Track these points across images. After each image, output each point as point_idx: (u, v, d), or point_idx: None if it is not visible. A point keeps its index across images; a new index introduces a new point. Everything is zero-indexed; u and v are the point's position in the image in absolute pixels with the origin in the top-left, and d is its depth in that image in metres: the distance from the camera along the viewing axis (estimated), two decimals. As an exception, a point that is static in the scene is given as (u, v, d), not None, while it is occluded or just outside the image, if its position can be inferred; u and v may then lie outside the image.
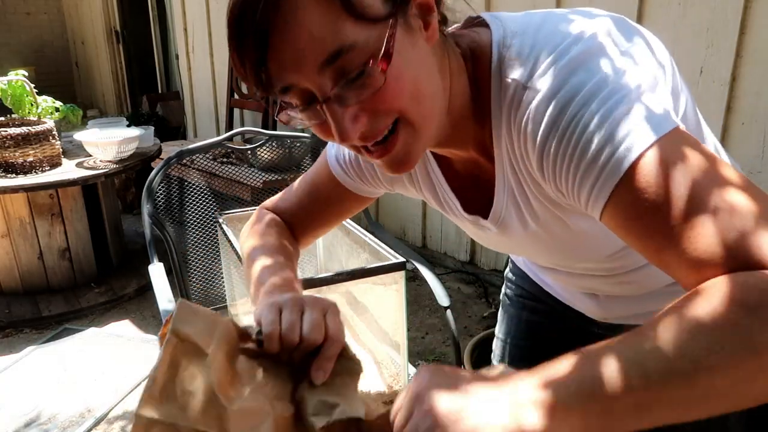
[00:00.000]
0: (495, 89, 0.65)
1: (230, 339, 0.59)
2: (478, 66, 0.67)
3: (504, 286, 1.12)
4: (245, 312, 1.46)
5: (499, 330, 1.12)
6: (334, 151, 0.86)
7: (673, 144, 0.54)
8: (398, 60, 0.57)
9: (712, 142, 0.77)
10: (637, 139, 0.53)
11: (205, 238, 1.71)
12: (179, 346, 0.55)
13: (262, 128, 2.90)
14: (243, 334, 0.61)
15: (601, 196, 0.56)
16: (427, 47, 0.62)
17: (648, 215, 0.53)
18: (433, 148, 0.74)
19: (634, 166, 0.53)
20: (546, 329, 1.04)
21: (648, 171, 0.53)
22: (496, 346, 1.12)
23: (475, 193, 0.77)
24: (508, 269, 1.11)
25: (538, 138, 0.60)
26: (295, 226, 0.92)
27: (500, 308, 1.12)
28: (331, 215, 0.93)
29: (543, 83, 0.59)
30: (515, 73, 0.62)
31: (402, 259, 1.20)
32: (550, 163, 0.60)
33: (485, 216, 0.76)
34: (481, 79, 0.66)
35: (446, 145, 0.73)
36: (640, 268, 0.80)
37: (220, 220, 1.46)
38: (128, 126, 3.46)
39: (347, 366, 0.61)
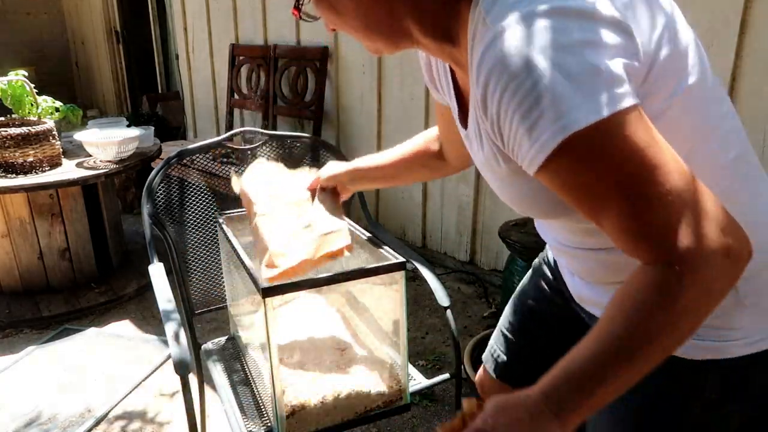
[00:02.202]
0: (472, 15, 0.67)
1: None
2: None
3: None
4: (247, 312, 1.46)
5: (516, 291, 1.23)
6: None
7: (628, 121, 0.56)
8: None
9: (727, 105, 0.78)
10: (593, 108, 0.55)
11: (205, 238, 1.70)
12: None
13: (262, 128, 2.90)
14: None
15: (543, 151, 0.57)
16: None
17: (586, 182, 0.58)
18: (414, 48, 0.81)
19: (585, 131, 0.55)
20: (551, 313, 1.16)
21: (596, 139, 0.56)
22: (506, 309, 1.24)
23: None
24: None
25: (484, 74, 0.60)
26: (441, 144, 1.14)
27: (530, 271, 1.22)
28: (446, 129, 1.08)
29: (509, 21, 0.59)
30: (486, 3, 0.63)
31: (402, 259, 1.20)
32: (495, 102, 0.60)
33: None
34: (463, 3, 0.69)
35: (431, 54, 0.83)
36: (607, 251, 0.80)
37: (220, 220, 1.46)
38: (128, 126, 3.45)
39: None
